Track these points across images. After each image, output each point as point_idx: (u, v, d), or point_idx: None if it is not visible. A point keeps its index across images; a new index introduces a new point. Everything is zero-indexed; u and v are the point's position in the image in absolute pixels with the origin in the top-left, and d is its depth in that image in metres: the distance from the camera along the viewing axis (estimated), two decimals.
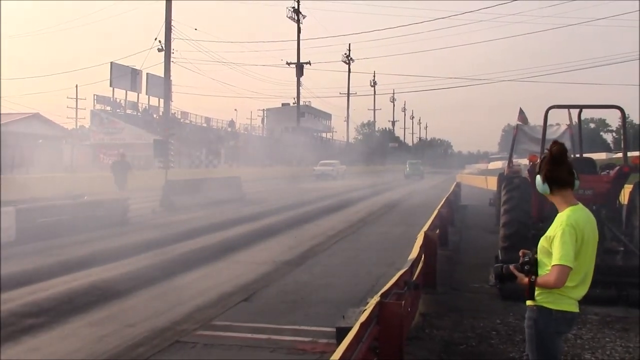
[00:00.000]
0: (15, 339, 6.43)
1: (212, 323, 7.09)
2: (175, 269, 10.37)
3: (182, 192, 22.33)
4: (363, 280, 9.56)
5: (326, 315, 7.31)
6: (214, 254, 11.89)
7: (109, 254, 11.74)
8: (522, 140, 15.58)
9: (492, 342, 6.36)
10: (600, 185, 9.78)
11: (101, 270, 10.26)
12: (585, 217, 3.63)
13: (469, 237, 14.52)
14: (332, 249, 12.77)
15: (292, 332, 6.68)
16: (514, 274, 3.72)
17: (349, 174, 55.53)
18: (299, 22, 61.79)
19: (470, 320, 7.20)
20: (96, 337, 6.52)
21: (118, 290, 8.78)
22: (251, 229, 16.17)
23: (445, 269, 9.92)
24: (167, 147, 23.06)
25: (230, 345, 6.22)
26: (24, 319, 7.15)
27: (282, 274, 10.07)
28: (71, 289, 8.81)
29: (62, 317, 7.28)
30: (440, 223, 11.69)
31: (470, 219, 18.93)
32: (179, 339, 6.46)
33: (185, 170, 38.89)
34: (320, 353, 5.96)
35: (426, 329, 6.77)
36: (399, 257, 11.30)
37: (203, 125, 66.46)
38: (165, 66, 37.79)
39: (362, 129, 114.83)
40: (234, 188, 26.47)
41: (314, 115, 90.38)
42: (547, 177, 3.68)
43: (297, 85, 62.98)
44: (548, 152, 3.69)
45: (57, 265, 10.56)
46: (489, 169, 63.18)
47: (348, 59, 79.96)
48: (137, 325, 6.94)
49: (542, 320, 3.66)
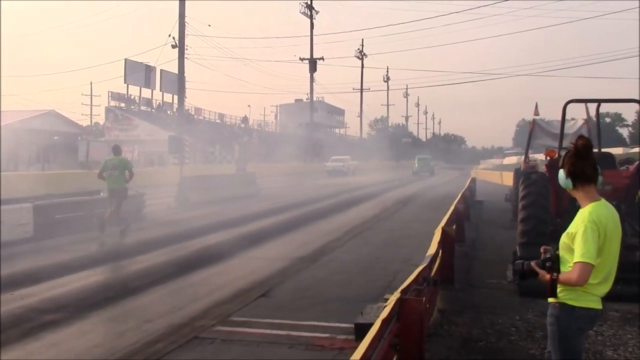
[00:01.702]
0: (35, 334, 6.47)
1: (230, 319, 7.10)
2: (191, 265, 10.40)
3: (197, 188, 22.39)
4: (379, 276, 9.53)
5: (343, 312, 7.30)
6: (229, 250, 11.90)
7: (125, 250, 11.83)
8: (539, 135, 15.46)
9: (512, 338, 6.31)
10: (619, 181, 9.66)
11: (118, 266, 10.36)
12: (608, 213, 3.57)
13: (485, 233, 14.43)
14: (347, 245, 12.75)
15: (310, 328, 6.66)
16: (535, 271, 3.67)
17: (360, 170, 54.84)
18: (312, 18, 61.68)
19: (488, 316, 7.15)
20: (115, 332, 6.56)
21: (135, 286, 8.84)
22: (266, 225, 16.20)
23: (462, 265, 9.86)
24: (182, 143, 23.11)
25: (249, 341, 6.22)
26: (44, 315, 7.19)
27: (298, 270, 10.07)
28: (89, 285, 8.88)
29: (81, 313, 7.33)
30: (456, 219, 11.61)
31: (486, 214, 18.82)
32: (198, 334, 6.47)
33: (200, 166, 39.04)
34: (339, 349, 5.95)
35: (444, 326, 6.73)
36: (414, 254, 11.26)
37: (217, 122, 66.65)
38: (179, 63, 37.74)
39: (375, 125, 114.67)
40: (249, 184, 26.51)
41: (327, 111, 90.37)
42: (570, 171, 3.63)
43: (310, 80, 62.90)
44: (573, 147, 3.64)
45: (74, 262, 10.64)
46: (504, 164, 62.75)
47: (361, 54, 79.75)
48: (155, 321, 6.96)
49: (565, 317, 3.61)
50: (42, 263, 10.64)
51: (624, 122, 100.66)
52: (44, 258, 11.17)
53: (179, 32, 39.31)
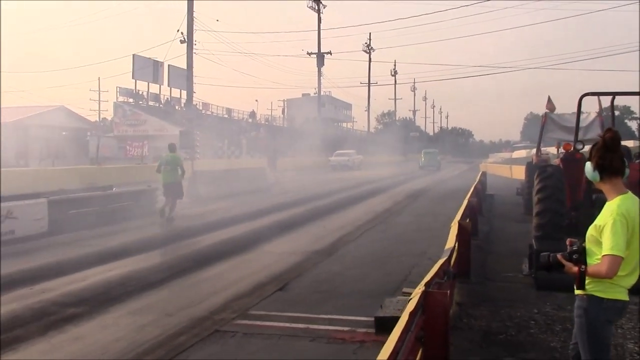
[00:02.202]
0: (59, 327, 6.55)
1: (249, 312, 7.15)
2: (206, 259, 10.48)
3: (208, 182, 22.45)
4: (395, 270, 9.56)
5: (361, 305, 7.34)
6: (243, 244, 11.98)
7: (140, 245, 11.91)
8: (551, 129, 15.41)
9: (532, 331, 6.33)
10: (633, 174, 9.64)
11: (134, 260, 10.40)
12: (635, 205, 3.58)
13: (498, 227, 14.43)
14: (361, 239, 12.77)
15: (328, 321, 6.70)
16: (562, 263, 3.68)
17: (367, 164, 53.70)
18: (319, 12, 61.55)
19: (506, 309, 7.16)
20: (136, 326, 6.62)
21: (152, 280, 8.90)
22: (279, 219, 16.26)
23: (477, 258, 9.86)
24: (192, 138, 23.16)
25: (269, 335, 6.27)
26: (65, 309, 7.28)
27: (314, 263, 10.10)
28: (107, 279, 8.95)
29: (102, 307, 7.40)
30: (470, 213, 11.61)
31: (498, 208, 18.79)
32: (218, 328, 6.53)
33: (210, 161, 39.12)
34: (359, 342, 5.98)
35: (464, 319, 6.75)
36: (429, 247, 11.30)
37: (224, 116, 66.68)
38: (187, 58, 37.82)
39: (382, 119, 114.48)
40: (260, 178, 26.56)
41: (334, 105, 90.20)
42: (598, 164, 3.63)
43: (318, 75, 62.79)
44: (601, 139, 3.65)
45: (91, 256, 10.72)
46: (513, 157, 62.56)
47: (369, 48, 79.58)
48: (176, 315, 7.02)
49: (593, 309, 3.63)
50: (59, 257, 10.72)
51: (632, 115, 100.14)
52: (61, 252, 11.26)
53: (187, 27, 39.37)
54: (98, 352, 5.79)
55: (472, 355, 5.65)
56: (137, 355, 5.69)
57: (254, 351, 5.86)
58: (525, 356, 5.63)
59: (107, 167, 34.33)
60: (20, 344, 6.02)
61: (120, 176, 27.58)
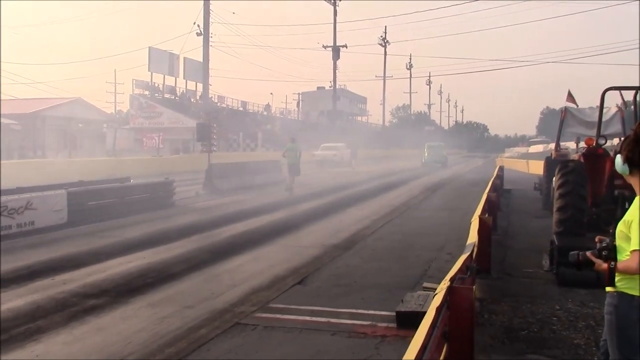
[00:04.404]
0: (80, 318, 6.60)
1: (269, 305, 7.14)
2: (224, 252, 10.51)
3: (224, 175, 22.50)
4: (414, 264, 9.51)
5: (381, 299, 7.32)
6: (261, 237, 11.99)
7: (159, 237, 11.97)
8: (571, 124, 15.28)
9: (554, 328, 6.27)
10: None
11: (153, 252, 10.44)
12: None
13: (516, 222, 14.31)
14: (378, 233, 12.73)
15: (349, 315, 6.68)
16: (591, 261, 3.62)
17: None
18: (335, 5, 61.36)
19: (528, 305, 7.10)
20: (157, 318, 6.64)
21: (172, 272, 8.94)
22: (295, 212, 16.28)
23: (496, 253, 9.79)
24: (209, 130, 23.22)
25: (290, 328, 6.26)
26: (87, 300, 7.33)
27: (332, 257, 10.08)
28: (127, 270, 8.99)
29: (122, 298, 7.44)
30: (489, 208, 11.53)
31: (516, 203, 18.65)
32: (239, 321, 6.53)
33: (225, 154, 39.22)
34: (381, 337, 5.96)
35: (485, 314, 6.70)
36: (447, 242, 11.26)
37: (239, 109, 66.83)
38: (204, 50, 38.04)
39: (397, 112, 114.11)
40: (275, 171, 26.58)
41: (349, 98, 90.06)
42: (628, 157, 3.56)
43: (334, 68, 62.76)
44: (632, 132, 3.58)
45: (110, 247, 10.81)
46: (530, 152, 62.13)
47: (384, 41, 79.31)
48: (196, 307, 7.04)
49: (624, 306, 3.56)
50: (79, 249, 10.81)
51: None
52: (80, 244, 11.35)
53: (204, 19, 39.53)
54: (121, 343, 5.82)
55: (495, 351, 5.61)
56: (159, 347, 5.71)
57: (274, 344, 5.85)
58: (548, 353, 5.57)
59: (124, 159, 34.55)
60: (43, 335, 6.06)
61: (137, 168, 27.75)
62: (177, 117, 54.42)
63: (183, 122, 52.27)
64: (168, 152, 47.44)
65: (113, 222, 14.06)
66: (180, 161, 36.19)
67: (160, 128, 53.53)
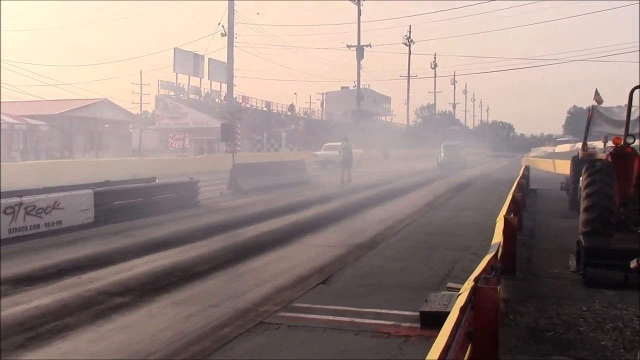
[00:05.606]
0: (106, 316, 6.68)
1: (293, 305, 7.16)
2: (248, 251, 10.55)
3: (248, 175, 22.60)
4: (437, 264, 9.45)
5: (405, 299, 7.29)
6: (285, 237, 12.03)
7: (184, 236, 12.06)
8: (598, 122, 15.01)
9: (581, 329, 6.17)
10: None
11: (178, 251, 10.53)
12: None
13: (542, 222, 14.13)
14: (402, 233, 12.67)
15: (373, 315, 6.66)
16: None
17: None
18: (359, 5, 61.26)
19: (553, 306, 7.01)
20: (182, 316, 6.69)
21: (196, 271, 9.00)
22: (319, 211, 16.30)
23: (522, 254, 9.68)
24: (233, 131, 23.36)
25: (314, 327, 6.26)
26: (112, 298, 7.42)
27: (356, 257, 10.06)
28: (152, 269, 9.08)
29: (147, 297, 7.51)
30: (514, 208, 11.41)
31: (542, 203, 18.42)
32: (263, 320, 6.55)
33: (250, 154, 39.41)
34: (404, 337, 5.93)
35: (510, 315, 6.63)
36: (472, 242, 11.17)
37: (264, 110, 67.05)
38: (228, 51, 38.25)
39: (421, 112, 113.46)
40: (299, 171, 26.64)
41: (373, 98, 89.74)
42: None
43: (358, 68, 62.65)
44: None
45: (136, 247, 10.93)
46: (556, 152, 61.36)
47: (409, 41, 78.98)
48: (220, 306, 7.08)
49: None
50: (105, 248, 10.95)
51: None
52: (107, 243, 11.49)
53: (228, 20, 39.74)
54: (146, 340, 5.88)
55: (520, 352, 5.54)
56: (183, 345, 5.76)
57: (298, 344, 5.86)
58: (575, 354, 5.49)
59: (149, 159, 34.90)
60: (70, 332, 6.16)
61: (163, 168, 28.01)
62: (201, 118, 54.78)
63: (208, 122, 52.58)
64: (193, 152, 47.82)
65: (139, 221, 14.21)
66: (205, 161, 36.42)
67: (185, 128, 54.00)
